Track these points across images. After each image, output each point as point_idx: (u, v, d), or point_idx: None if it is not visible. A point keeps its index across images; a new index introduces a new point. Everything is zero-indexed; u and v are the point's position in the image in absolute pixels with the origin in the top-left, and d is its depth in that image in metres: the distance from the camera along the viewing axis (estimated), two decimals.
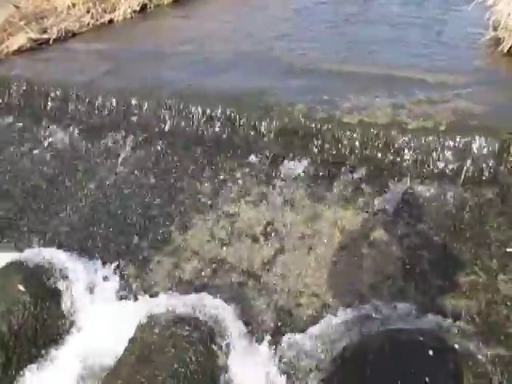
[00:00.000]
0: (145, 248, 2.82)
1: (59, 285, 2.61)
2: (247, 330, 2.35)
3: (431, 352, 1.96)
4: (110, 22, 5.29)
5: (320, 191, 2.79)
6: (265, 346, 2.29)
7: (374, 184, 2.74)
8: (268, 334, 2.33)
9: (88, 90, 3.74)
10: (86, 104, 3.70)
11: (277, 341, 2.29)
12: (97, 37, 4.99)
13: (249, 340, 2.31)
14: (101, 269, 2.74)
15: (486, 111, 2.83)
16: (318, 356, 2.17)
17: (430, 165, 2.71)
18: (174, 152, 3.26)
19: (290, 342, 2.26)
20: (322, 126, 2.93)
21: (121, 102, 3.57)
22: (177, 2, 5.75)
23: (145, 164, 3.25)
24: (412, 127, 2.79)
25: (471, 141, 2.65)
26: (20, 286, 2.53)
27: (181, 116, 3.36)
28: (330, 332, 2.23)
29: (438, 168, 2.70)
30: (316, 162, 2.91)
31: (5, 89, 4.09)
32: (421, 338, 2.03)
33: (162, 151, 3.29)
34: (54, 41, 4.84)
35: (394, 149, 2.78)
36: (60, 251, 2.81)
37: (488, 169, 2.61)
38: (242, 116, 3.14)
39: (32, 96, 3.95)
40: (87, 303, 2.59)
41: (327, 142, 2.92)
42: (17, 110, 3.99)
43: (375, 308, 2.26)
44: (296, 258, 2.57)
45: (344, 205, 2.70)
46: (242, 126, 3.15)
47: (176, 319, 2.32)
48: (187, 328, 2.27)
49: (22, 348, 2.43)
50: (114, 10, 5.34)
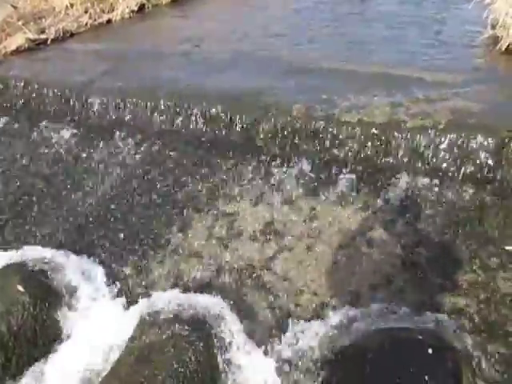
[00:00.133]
0: (144, 247, 2.82)
1: (58, 285, 2.60)
2: (247, 329, 2.35)
3: (430, 350, 1.97)
4: (108, 22, 5.29)
5: (319, 190, 2.79)
6: (264, 345, 2.29)
7: (373, 183, 2.75)
8: (268, 333, 2.33)
9: (86, 90, 3.74)
10: (84, 104, 3.69)
11: (276, 340, 2.29)
12: (95, 37, 4.99)
13: (248, 339, 2.31)
14: (100, 268, 2.74)
15: (484, 109, 2.84)
16: (318, 355, 2.17)
17: (429, 163, 2.71)
18: (172, 152, 3.26)
19: (289, 341, 2.26)
20: (321, 125, 2.93)
21: (119, 101, 3.56)
22: (175, 1, 5.75)
23: (143, 163, 3.25)
24: (410, 126, 2.80)
25: (470, 139, 2.65)
26: (19, 287, 2.53)
27: (179, 116, 3.36)
28: (330, 331, 2.23)
29: (436, 166, 2.70)
30: (315, 161, 2.91)
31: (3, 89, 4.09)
32: (420, 337, 2.03)
33: (160, 151, 3.29)
34: (52, 41, 4.84)
35: (393, 147, 2.78)
36: (59, 251, 2.81)
37: (487, 167, 2.61)
38: (241, 115, 3.14)
39: (30, 96, 3.95)
40: (87, 303, 2.59)
41: (326, 140, 2.92)
42: (14, 111, 3.99)
43: (374, 306, 2.26)
44: (295, 257, 2.57)
45: (343, 204, 2.70)
46: (241, 126, 3.15)
47: (176, 319, 2.32)
48: (187, 328, 2.27)
49: (22, 349, 2.43)
50: (112, 10, 5.34)
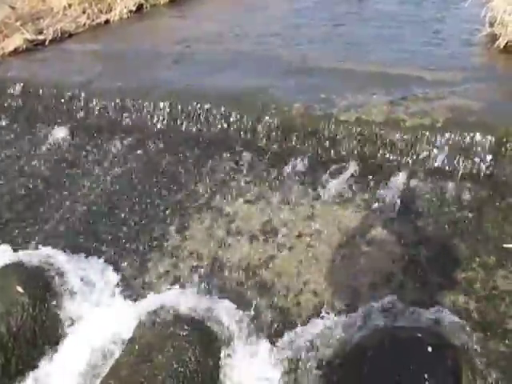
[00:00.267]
0: (144, 247, 2.82)
1: (58, 285, 2.60)
2: (247, 329, 2.34)
3: (430, 349, 1.97)
4: (107, 22, 5.28)
5: (318, 189, 2.79)
6: (264, 345, 2.28)
7: (372, 181, 2.75)
8: (267, 333, 2.33)
9: (85, 91, 3.73)
10: (82, 104, 3.69)
11: (276, 340, 2.28)
12: (93, 37, 4.98)
13: (248, 339, 2.31)
14: (100, 269, 2.74)
15: (483, 108, 2.84)
16: (318, 354, 2.17)
17: (427, 161, 2.71)
18: (171, 151, 3.26)
19: (289, 340, 2.26)
20: (320, 124, 2.93)
21: (118, 102, 3.56)
22: (173, 1, 5.74)
23: (142, 164, 3.25)
24: (409, 124, 2.80)
25: (468, 137, 2.65)
26: (18, 288, 2.52)
27: (178, 115, 3.36)
28: (330, 330, 2.23)
29: (435, 164, 2.70)
30: (314, 160, 2.91)
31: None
32: (419, 335, 2.03)
33: (159, 151, 3.28)
34: (50, 41, 4.83)
35: (392, 146, 2.78)
36: (58, 251, 2.81)
37: (485, 165, 2.61)
38: (241, 115, 3.14)
39: (28, 97, 3.94)
40: (86, 303, 2.58)
41: (324, 139, 2.92)
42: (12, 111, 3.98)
43: (373, 305, 2.26)
44: (295, 256, 2.57)
45: (342, 203, 2.70)
46: (239, 125, 3.15)
47: (176, 319, 2.32)
48: (187, 328, 2.26)
49: (21, 349, 2.43)
50: (110, 11, 5.33)
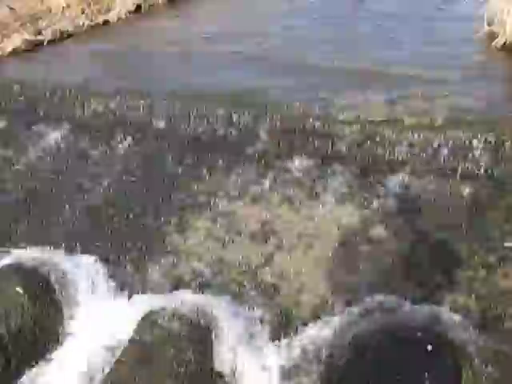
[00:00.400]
0: (144, 247, 2.82)
1: (58, 286, 2.60)
2: (247, 329, 2.34)
3: (430, 347, 1.97)
4: (105, 22, 5.28)
5: (318, 188, 2.79)
6: (265, 344, 2.29)
7: (371, 181, 2.75)
8: (267, 333, 2.33)
9: (83, 91, 3.73)
10: (80, 104, 3.69)
11: (277, 339, 2.28)
12: (92, 38, 4.98)
13: (248, 339, 2.31)
14: (100, 269, 2.74)
15: (481, 106, 2.84)
16: (319, 354, 2.17)
17: (427, 160, 2.71)
18: (170, 151, 3.26)
19: (289, 340, 2.26)
20: (319, 123, 2.93)
21: (116, 101, 3.56)
22: (172, 1, 5.74)
23: (141, 164, 3.25)
24: (408, 123, 2.80)
25: (467, 135, 2.65)
26: (18, 288, 2.52)
27: (177, 115, 3.35)
28: (329, 330, 2.23)
29: (434, 163, 2.70)
30: (313, 159, 2.91)
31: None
32: (420, 334, 2.03)
33: (158, 151, 3.28)
34: (48, 42, 4.83)
35: (391, 145, 2.78)
36: (58, 252, 2.81)
37: (484, 163, 2.61)
38: (240, 114, 3.14)
39: (26, 97, 3.94)
40: (86, 304, 2.58)
41: (323, 138, 2.92)
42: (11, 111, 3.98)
43: (373, 304, 2.26)
44: (294, 256, 2.57)
45: (341, 202, 2.70)
46: (239, 125, 3.15)
47: (175, 319, 2.32)
48: (187, 328, 2.26)
49: (21, 350, 2.43)
50: (109, 11, 5.33)
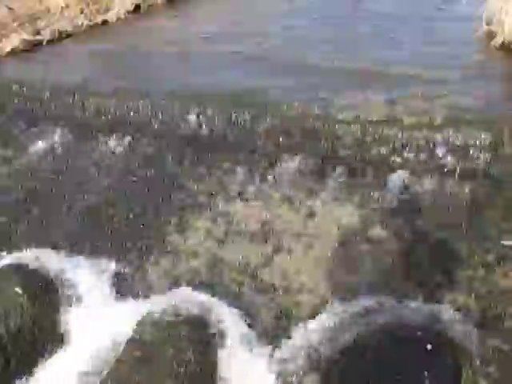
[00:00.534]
0: (143, 247, 2.81)
1: (57, 286, 2.60)
2: (246, 329, 2.34)
3: (430, 346, 1.97)
4: (104, 22, 5.28)
5: (317, 188, 2.79)
6: (264, 344, 2.28)
7: (371, 180, 2.75)
8: (267, 333, 2.33)
9: (81, 91, 3.73)
10: (79, 104, 3.69)
11: (276, 339, 2.28)
12: (90, 38, 4.98)
13: (248, 339, 2.31)
14: (99, 269, 2.73)
15: (480, 105, 2.85)
16: (318, 353, 2.17)
17: (426, 159, 2.72)
18: (169, 151, 3.25)
19: (289, 340, 2.26)
20: (318, 123, 2.93)
21: (115, 101, 3.56)
22: (171, 1, 5.74)
23: (141, 164, 3.25)
24: (408, 123, 2.80)
25: (466, 135, 2.66)
26: (17, 289, 2.52)
27: (176, 115, 3.35)
28: (329, 329, 2.23)
29: (433, 162, 2.70)
30: (312, 159, 2.91)
31: None
32: (419, 333, 2.04)
33: (157, 151, 3.28)
34: (47, 42, 4.83)
35: (390, 144, 2.78)
36: (57, 252, 2.81)
37: (483, 162, 2.62)
38: (239, 114, 3.14)
39: (25, 97, 3.93)
40: (86, 304, 2.58)
41: (323, 138, 2.92)
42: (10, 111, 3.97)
43: (373, 304, 2.27)
44: (294, 256, 2.57)
45: (341, 201, 2.71)
46: (238, 125, 3.15)
47: (176, 319, 2.32)
48: (187, 328, 2.26)
49: (21, 351, 2.42)
50: (108, 11, 5.33)
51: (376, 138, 2.81)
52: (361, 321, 2.21)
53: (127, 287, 2.65)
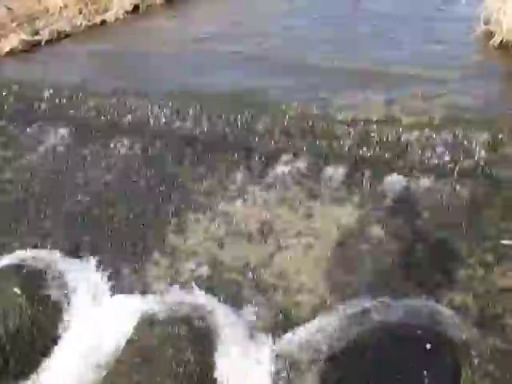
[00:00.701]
0: (143, 247, 2.81)
1: (56, 286, 2.59)
2: (246, 328, 2.34)
3: (429, 346, 1.97)
4: (103, 22, 5.27)
5: (316, 188, 2.79)
6: (263, 344, 2.28)
7: (370, 180, 2.75)
8: (266, 333, 2.33)
9: (80, 91, 3.73)
10: (78, 104, 3.68)
11: (275, 339, 2.28)
12: (89, 38, 4.97)
13: (247, 339, 2.31)
14: (98, 269, 2.73)
15: (479, 105, 2.85)
16: (317, 353, 2.17)
17: (425, 159, 2.72)
18: (169, 151, 3.25)
19: (288, 340, 2.26)
20: (317, 123, 2.94)
21: (114, 102, 3.56)
22: (169, 2, 5.73)
23: (140, 164, 3.25)
24: (407, 122, 2.80)
25: (465, 134, 2.66)
26: (16, 289, 2.52)
27: (175, 115, 3.35)
28: (329, 329, 2.23)
29: (432, 162, 2.71)
30: (312, 159, 2.91)
31: None
32: (419, 332, 2.04)
33: (157, 151, 3.28)
34: (46, 42, 4.82)
35: (390, 144, 2.78)
36: (56, 252, 2.80)
37: (481, 162, 2.62)
38: (239, 114, 3.14)
39: (24, 97, 3.93)
40: (85, 304, 2.58)
41: (323, 138, 2.92)
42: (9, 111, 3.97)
43: (373, 303, 2.27)
44: (293, 256, 2.57)
45: (340, 201, 2.71)
46: (238, 125, 3.15)
47: (175, 319, 2.32)
48: (186, 328, 2.26)
49: (20, 351, 2.42)
50: (106, 11, 5.33)
51: (376, 138, 2.82)
52: (360, 320, 2.21)
53: (127, 287, 2.65)
